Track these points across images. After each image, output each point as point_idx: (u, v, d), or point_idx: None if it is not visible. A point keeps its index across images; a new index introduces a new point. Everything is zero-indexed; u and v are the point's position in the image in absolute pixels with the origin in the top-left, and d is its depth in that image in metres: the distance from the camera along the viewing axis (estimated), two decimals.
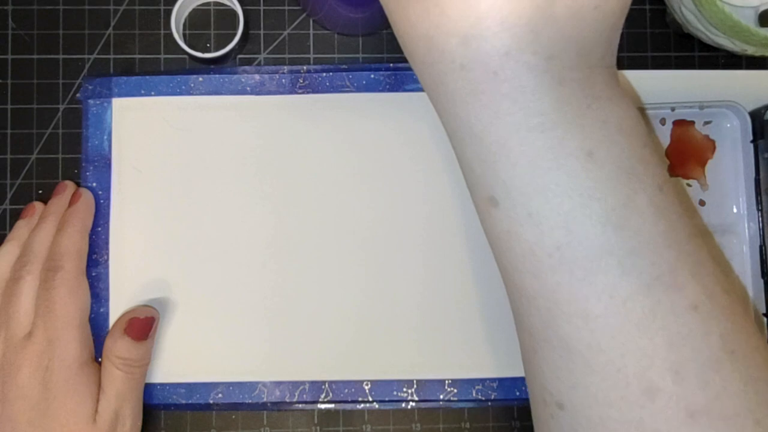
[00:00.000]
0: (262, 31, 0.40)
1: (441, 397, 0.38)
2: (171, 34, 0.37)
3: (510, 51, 0.21)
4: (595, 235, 0.21)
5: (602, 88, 0.22)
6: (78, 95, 0.39)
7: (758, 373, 0.22)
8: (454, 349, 0.38)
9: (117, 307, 0.37)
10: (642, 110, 0.37)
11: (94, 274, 0.37)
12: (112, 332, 0.35)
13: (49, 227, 0.36)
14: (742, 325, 0.23)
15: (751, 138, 0.38)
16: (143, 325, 0.35)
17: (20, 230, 0.37)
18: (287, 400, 0.37)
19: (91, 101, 0.38)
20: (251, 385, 0.37)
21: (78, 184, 0.38)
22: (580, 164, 0.21)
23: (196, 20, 0.40)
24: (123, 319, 0.35)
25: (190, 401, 0.37)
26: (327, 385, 0.38)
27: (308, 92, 0.39)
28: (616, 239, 0.21)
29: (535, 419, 0.26)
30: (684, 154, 0.38)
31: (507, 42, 0.21)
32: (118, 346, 0.34)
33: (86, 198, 0.37)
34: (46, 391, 0.33)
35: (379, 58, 0.40)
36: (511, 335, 0.38)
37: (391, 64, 0.39)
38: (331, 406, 0.38)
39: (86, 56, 0.39)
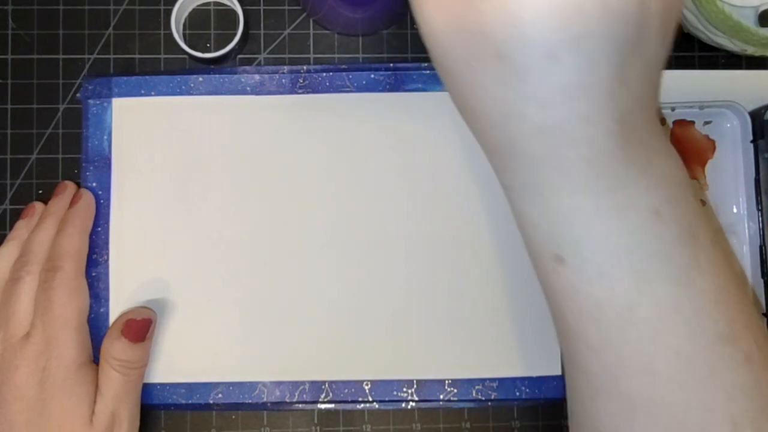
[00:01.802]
0: (262, 31, 0.40)
1: (441, 397, 0.38)
2: (171, 34, 0.37)
3: (590, 116, 0.21)
4: (665, 295, 0.22)
5: (657, 141, 0.23)
6: (78, 95, 0.39)
7: None
8: (454, 349, 0.38)
9: (117, 308, 0.37)
10: None
11: (94, 274, 0.37)
12: (109, 334, 0.35)
13: (49, 228, 0.36)
14: None
15: (751, 138, 0.38)
16: (140, 327, 0.35)
17: (20, 230, 0.37)
18: (287, 400, 0.37)
19: (91, 101, 0.38)
20: (251, 385, 0.37)
21: (78, 184, 0.38)
22: (650, 225, 0.22)
23: (196, 20, 0.40)
24: (120, 320, 0.35)
25: (190, 401, 0.37)
26: (327, 385, 0.38)
27: (308, 92, 0.39)
28: (684, 299, 0.22)
29: None
30: (684, 154, 0.38)
31: (586, 107, 0.21)
32: (115, 348, 0.34)
33: (87, 199, 0.37)
34: (43, 392, 0.33)
35: (379, 58, 0.40)
36: (511, 335, 0.38)
37: (391, 64, 0.39)
38: (331, 406, 0.38)
39: (86, 56, 0.39)
